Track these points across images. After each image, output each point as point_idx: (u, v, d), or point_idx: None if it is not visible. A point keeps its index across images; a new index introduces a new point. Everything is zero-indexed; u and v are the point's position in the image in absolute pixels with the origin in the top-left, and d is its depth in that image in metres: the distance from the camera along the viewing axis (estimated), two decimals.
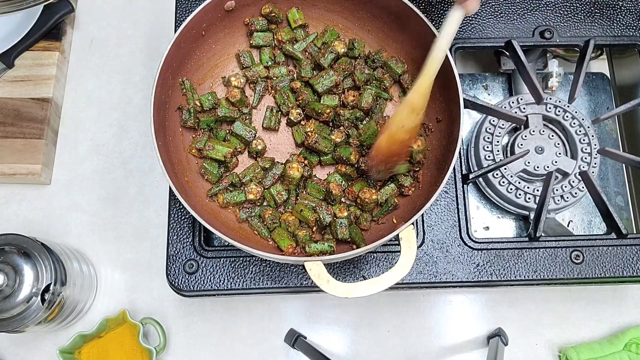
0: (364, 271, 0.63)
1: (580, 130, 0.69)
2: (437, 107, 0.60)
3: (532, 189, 0.67)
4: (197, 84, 0.63)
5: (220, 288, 0.62)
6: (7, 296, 0.58)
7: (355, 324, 0.69)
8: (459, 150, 0.53)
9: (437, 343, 0.69)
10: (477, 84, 0.78)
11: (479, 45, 0.71)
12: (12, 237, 0.60)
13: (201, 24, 0.60)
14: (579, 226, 0.73)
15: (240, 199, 0.59)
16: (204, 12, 0.58)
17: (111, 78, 0.79)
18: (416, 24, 0.59)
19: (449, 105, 0.58)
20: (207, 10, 0.58)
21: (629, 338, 0.66)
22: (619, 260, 0.63)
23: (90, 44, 0.80)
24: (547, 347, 0.68)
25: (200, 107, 0.61)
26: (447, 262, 0.63)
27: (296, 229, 0.58)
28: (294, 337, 0.66)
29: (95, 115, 0.77)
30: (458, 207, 0.65)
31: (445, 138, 0.59)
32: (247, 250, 0.50)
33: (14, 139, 0.72)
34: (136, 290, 0.70)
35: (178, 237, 0.63)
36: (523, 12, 0.72)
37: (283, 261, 0.49)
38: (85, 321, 0.69)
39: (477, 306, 0.70)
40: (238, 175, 0.61)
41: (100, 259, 0.71)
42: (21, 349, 0.68)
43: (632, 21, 0.72)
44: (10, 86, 0.74)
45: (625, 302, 0.70)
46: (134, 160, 0.75)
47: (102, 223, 0.73)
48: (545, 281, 0.63)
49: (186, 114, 0.61)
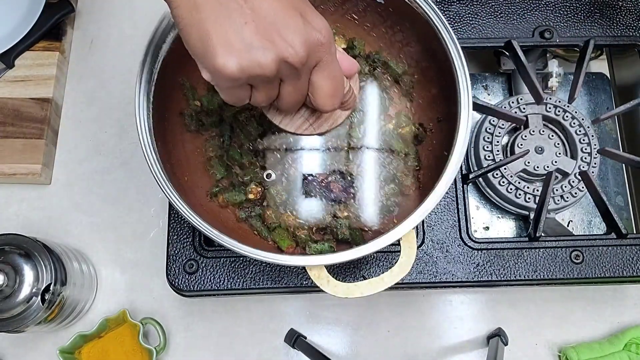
0: (364, 271, 0.63)
1: (580, 130, 0.69)
2: (437, 107, 0.60)
3: (532, 189, 0.67)
4: (196, 83, 0.63)
5: (220, 288, 0.62)
6: (7, 296, 0.58)
7: (355, 324, 0.69)
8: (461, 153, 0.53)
9: (437, 343, 0.69)
10: (477, 84, 0.78)
11: (478, 45, 0.71)
12: (12, 237, 0.60)
13: None
14: (579, 226, 0.73)
15: (240, 198, 0.59)
16: None
17: (111, 78, 0.79)
18: (417, 24, 0.59)
19: (450, 105, 0.58)
20: None
21: (628, 338, 0.66)
22: (619, 260, 0.63)
23: (90, 44, 0.80)
24: (547, 347, 0.68)
25: (200, 107, 0.61)
26: (447, 262, 0.63)
27: (296, 229, 0.58)
28: (294, 337, 0.66)
29: (95, 115, 0.77)
30: (458, 207, 0.65)
31: (446, 139, 0.59)
32: (246, 254, 0.50)
33: (14, 139, 0.72)
34: (136, 290, 0.70)
35: (178, 237, 0.63)
36: (523, 12, 0.72)
37: (282, 263, 0.49)
38: (85, 321, 0.69)
39: (477, 306, 0.70)
40: (238, 175, 0.61)
41: (100, 259, 0.71)
42: (21, 349, 0.68)
43: (632, 21, 0.72)
44: (10, 86, 0.74)
45: (625, 302, 0.70)
46: (134, 160, 0.75)
47: (102, 223, 0.73)
48: (545, 281, 0.63)
49: (188, 118, 0.60)
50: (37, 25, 0.75)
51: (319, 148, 0.61)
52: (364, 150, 0.62)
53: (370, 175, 0.61)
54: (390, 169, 0.61)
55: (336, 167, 0.62)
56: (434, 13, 0.55)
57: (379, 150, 0.61)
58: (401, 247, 0.51)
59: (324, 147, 0.61)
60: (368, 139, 0.61)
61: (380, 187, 0.61)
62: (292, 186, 0.61)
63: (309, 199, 0.60)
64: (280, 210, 0.60)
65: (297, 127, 0.50)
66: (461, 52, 0.53)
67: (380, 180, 0.62)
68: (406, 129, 0.63)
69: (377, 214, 0.60)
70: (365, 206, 0.59)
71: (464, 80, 0.53)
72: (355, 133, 0.62)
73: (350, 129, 0.63)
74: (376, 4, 0.61)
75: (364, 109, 0.63)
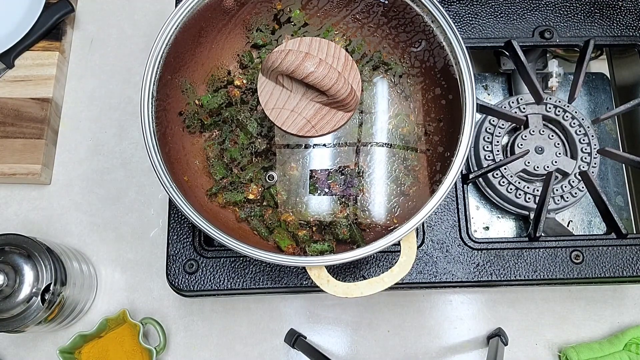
0: (364, 271, 0.63)
1: (580, 130, 0.69)
2: (439, 108, 0.60)
3: (532, 189, 0.67)
4: (196, 83, 0.63)
5: (220, 288, 0.62)
6: (7, 296, 0.58)
7: (355, 324, 0.69)
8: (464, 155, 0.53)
9: (437, 343, 0.69)
10: (477, 84, 0.77)
11: (478, 45, 0.71)
12: (12, 237, 0.60)
13: (199, 23, 0.59)
14: (579, 226, 0.73)
15: (240, 198, 0.59)
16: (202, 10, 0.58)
17: (111, 78, 0.79)
18: (422, 24, 0.59)
19: (451, 105, 0.58)
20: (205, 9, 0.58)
21: (628, 338, 0.66)
22: (619, 260, 0.63)
23: (90, 44, 0.80)
24: (547, 347, 0.68)
25: (200, 107, 0.61)
26: (447, 262, 0.63)
27: (296, 229, 0.58)
28: (294, 337, 0.66)
29: (95, 115, 0.77)
30: (458, 207, 0.65)
31: (447, 139, 0.59)
32: (246, 254, 0.50)
33: (14, 139, 0.72)
34: (136, 290, 0.70)
35: (178, 237, 0.63)
36: (523, 12, 0.72)
37: (282, 263, 0.49)
38: (85, 321, 0.69)
39: (476, 306, 0.70)
40: (238, 175, 0.61)
41: (100, 259, 0.71)
42: (21, 349, 0.68)
43: (632, 21, 0.72)
44: (10, 86, 0.75)
45: (625, 302, 0.70)
46: (134, 160, 0.75)
47: (102, 223, 0.73)
48: (545, 281, 0.63)
49: (188, 118, 0.60)
50: (37, 25, 0.75)
51: (320, 149, 0.61)
52: (364, 151, 0.62)
53: (371, 175, 0.61)
54: (390, 169, 0.61)
55: (336, 167, 0.62)
56: (440, 13, 0.55)
57: (379, 151, 0.61)
58: (401, 247, 0.51)
59: (325, 147, 0.61)
60: (369, 139, 0.61)
61: (381, 187, 0.61)
62: (292, 186, 0.61)
63: (309, 199, 0.60)
64: (280, 210, 0.60)
65: (299, 128, 0.50)
66: (467, 52, 0.53)
67: (380, 180, 0.62)
68: (407, 129, 0.63)
69: (378, 214, 0.60)
70: (366, 206, 0.59)
71: (468, 81, 0.53)
72: (356, 134, 0.62)
73: (351, 130, 0.63)
74: (380, 5, 0.61)
75: (366, 110, 0.63)
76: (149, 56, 0.54)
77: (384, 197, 0.60)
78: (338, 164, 0.62)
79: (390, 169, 0.60)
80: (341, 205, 0.59)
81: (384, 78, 0.64)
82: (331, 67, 0.48)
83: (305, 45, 0.51)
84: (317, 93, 0.51)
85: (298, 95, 0.52)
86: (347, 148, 0.62)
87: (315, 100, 0.51)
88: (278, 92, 0.52)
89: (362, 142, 0.62)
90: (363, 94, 0.62)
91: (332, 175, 0.62)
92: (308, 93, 0.51)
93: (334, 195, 0.59)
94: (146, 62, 0.54)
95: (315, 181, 0.61)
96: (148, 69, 0.54)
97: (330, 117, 0.49)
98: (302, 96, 0.51)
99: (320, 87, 0.48)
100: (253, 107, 0.65)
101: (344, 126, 0.63)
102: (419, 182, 0.61)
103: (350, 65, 0.52)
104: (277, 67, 0.48)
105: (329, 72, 0.47)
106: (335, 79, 0.48)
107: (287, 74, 0.48)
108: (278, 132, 0.65)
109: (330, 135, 0.62)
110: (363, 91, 0.62)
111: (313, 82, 0.48)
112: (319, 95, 0.51)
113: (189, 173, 0.60)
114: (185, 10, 0.56)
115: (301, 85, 0.51)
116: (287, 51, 0.47)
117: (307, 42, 0.51)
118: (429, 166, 0.61)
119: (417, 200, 0.60)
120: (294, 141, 0.64)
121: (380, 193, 0.60)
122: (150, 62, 0.54)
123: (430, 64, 0.60)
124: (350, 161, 0.61)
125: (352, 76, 0.51)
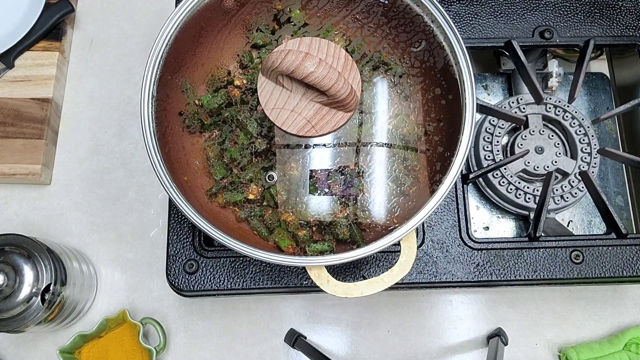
0: (364, 271, 0.63)
1: (580, 130, 0.69)
2: (439, 108, 0.60)
3: (532, 189, 0.67)
4: (196, 83, 0.63)
5: (220, 288, 0.62)
6: (7, 296, 0.58)
7: (355, 324, 0.69)
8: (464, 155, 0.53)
9: (437, 343, 0.69)
10: (477, 84, 0.77)
11: (478, 46, 0.71)
12: (12, 237, 0.60)
13: (199, 23, 0.59)
14: (579, 226, 0.73)
15: (240, 198, 0.59)
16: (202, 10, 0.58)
17: (111, 78, 0.79)
18: (422, 24, 0.59)
19: (451, 105, 0.58)
20: (205, 9, 0.58)
21: (628, 338, 0.66)
22: (619, 260, 0.63)
23: (90, 44, 0.80)
24: (547, 347, 0.68)
25: (200, 107, 0.61)
26: (447, 262, 0.63)
27: (296, 229, 0.58)
28: (294, 337, 0.66)
29: (95, 115, 0.77)
30: (458, 207, 0.65)
31: (447, 139, 0.59)
32: (246, 254, 0.50)
33: (14, 139, 0.72)
34: (136, 290, 0.70)
35: (178, 237, 0.63)
36: (523, 12, 0.72)
37: (282, 263, 0.49)
38: (85, 321, 0.69)
39: (476, 306, 0.70)
40: (238, 175, 0.61)
41: (100, 259, 0.71)
42: (21, 349, 0.68)
43: (632, 21, 0.72)
44: (10, 86, 0.75)
45: (625, 302, 0.70)
46: (134, 160, 0.75)
47: (102, 223, 0.73)
48: (545, 281, 0.63)
49: (188, 119, 0.60)
50: (37, 25, 0.75)
51: (320, 149, 0.61)
52: (364, 151, 0.62)
53: (371, 175, 0.61)
54: (390, 169, 0.61)
55: (336, 167, 0.63)
56: (440, 13, 0.55)
57: (379, 151, 0.61)
58: (401, 247, 0.51)
59: (325, 147, 0.61)
60: (369, 139, 0.61)
61: (381, 187, 0.61)
62: (292, 186, 0.61)
63: (309, 199, 0.60)
64: (280, 210, 0.60)
65: (299, 129, 0.50)
66: (467, 52, 0.53)
67: (380, 180, 0.62)
68: (407, 129, 0.63)
69: (378, 214, 0.60)
70: (366, 206, 0.59)
71: (468, 81, 0.53)
72: (356, 134, 0.62)
73: (351, 130, 0.63)
74: (380, 5, 0.61)
75: (366, 110, 0.63)
76: (149, 56, 0.54)
77: (384, 197, 0.60)
78: (338, 164, 0.62)
79: (390, 169, 0.60)
80: (341, 205, 0.59)
81: (384, 78, 0.64)
82: (331, 67, 0.48)
83: (305, 45, 0.51)
84: (317, 93, 0.51)
85: (298, 95, 0.52)
86: (347, 148, 0.62)
87: (315, 100, 0.51)
88: (278, 92, 0.52)
89: (362, 142, 0.62)
90: (363, 94, 0.62)
91: (332, 175, 0.62)
92: (308, 93, 0.51)
93: (334, 195, 0.59)
94: (146, 62, 0.54)
95: (315, 181, 0.61)
96: (148, 69, 0.54)
97: (330, 117, 0.49)
98: (302, 96, 0.52)
99: (320, 87, 0.48)
100: (253, 107, 0.65)
101: (344, 126, 0.63)
102: (419, 182, 0.61)
103: (350, 65, 0.52)
104: (277, 67, 0.48)
105: (328, 72, 0.47)
106: (335, 79, 0.48)
107: (287, 74, 0.48)
108: (278, 132, 0.65)
109: (330, 135, 0.62)
110: (363, 91, 0.62)
111: (313, 82, 0.48)
112: (319, 96, 0.51)
113: (189, 173, 0.60)
114: (185, 10, 0.56)
115: (301, 86, 0.51)
116: (287, 51, 0.47)
117: (307, 42, 0.51)
118: (429, 166, 0.61)
119: (417, 200, 0.60)
120: (294, 141, 0.64)
121: (380, 193, 0.60)
122: (150, 62, 0.54)
123: (430, 64, 0.60)
124: (350, 161, 0.61)
125: (352, 76, 0.51)
